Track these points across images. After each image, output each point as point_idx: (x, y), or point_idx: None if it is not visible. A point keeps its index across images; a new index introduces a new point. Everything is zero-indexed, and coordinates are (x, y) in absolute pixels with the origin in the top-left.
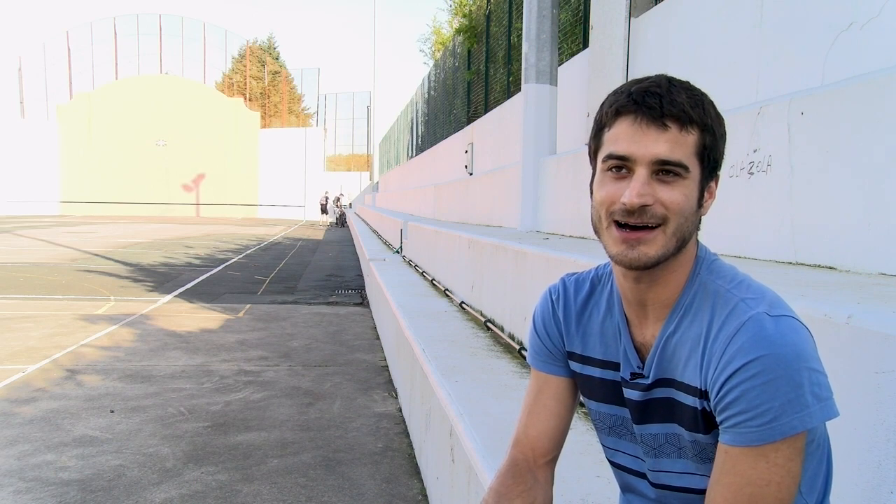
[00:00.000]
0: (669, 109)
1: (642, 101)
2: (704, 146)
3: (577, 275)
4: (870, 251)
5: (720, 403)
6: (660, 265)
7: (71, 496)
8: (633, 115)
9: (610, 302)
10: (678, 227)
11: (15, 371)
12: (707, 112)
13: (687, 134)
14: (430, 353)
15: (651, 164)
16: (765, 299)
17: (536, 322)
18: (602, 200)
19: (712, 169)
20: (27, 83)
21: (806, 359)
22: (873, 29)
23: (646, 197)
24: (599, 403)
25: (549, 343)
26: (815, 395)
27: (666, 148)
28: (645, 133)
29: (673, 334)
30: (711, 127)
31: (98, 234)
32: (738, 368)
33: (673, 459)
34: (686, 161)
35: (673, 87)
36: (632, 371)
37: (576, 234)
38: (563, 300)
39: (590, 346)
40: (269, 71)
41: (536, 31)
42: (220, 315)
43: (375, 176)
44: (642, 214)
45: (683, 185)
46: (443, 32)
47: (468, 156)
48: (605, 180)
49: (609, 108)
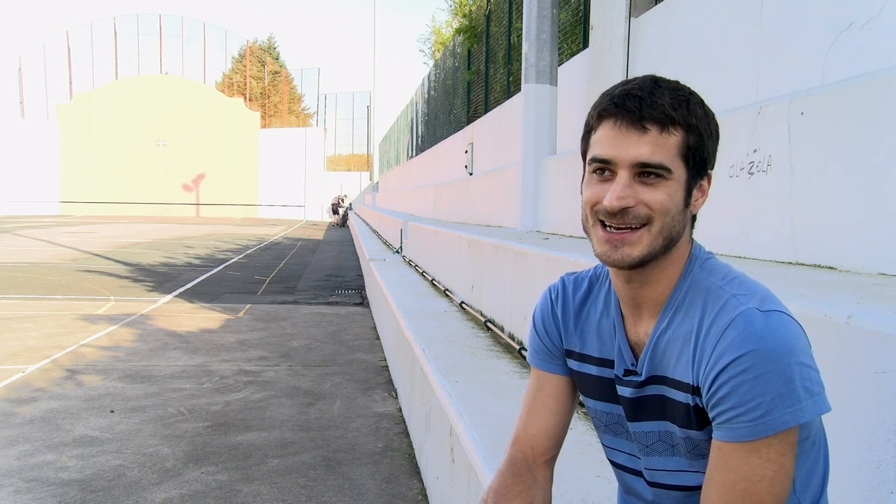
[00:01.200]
0: (649, 112)
1: (622, 105)
2: (689, 146)
3: (576, 274)
4: (870, 251)
5: (712, 399)
6: (648, 264)
7: (71, 496)
8: (613, 119)
9: (607, 300)
10: (663, 226)
11: (15, 371)
12: (692, 112)
13: (668, 135)
14: (430, 353)
15: (632, 166)
16: (756, 295)
17: (536, 321)
18: (587, 201)
19: (700, 168)
20: (27, 83)
21: (796, 354)
22: (873, 29)
23: (626, 199)
24: (596, 401)
25: (548, 342)
26: (807, 389)
27: (646, 150)
28: (625, 136)
29: (665, 331)
30: (696, 126)
31: (98, 234)
32: (729, 363)
33: (665, 457)
34: (668, 163)
35: (657, 88)
36: (625, 368)
37: (576, 234)
38: (562, 299)
39: (587, 343)
40: (269, 71)
41: (536, 31)
42: (220, 315)
43: (375, 176)
44: (624, 216)
45: (667, 186)
46: (443, 32)
47: (468, 156)
48: (591, 181)
49: (594, 112)
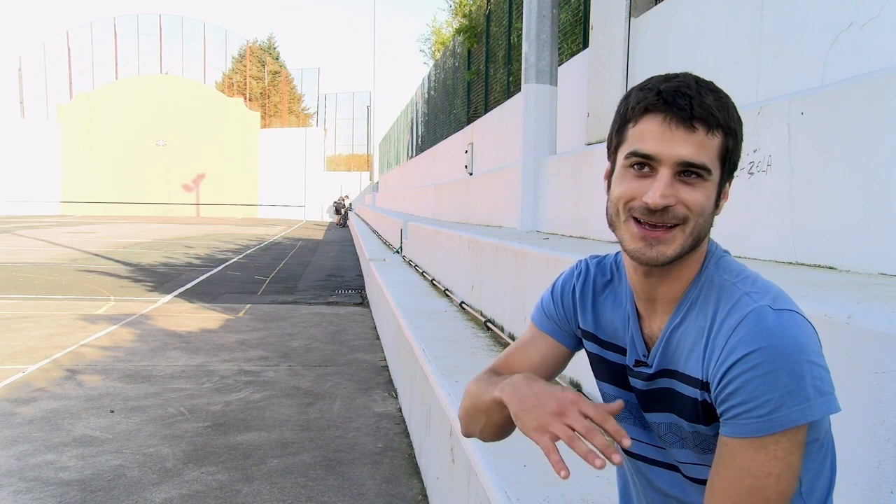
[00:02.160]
0: (699, 111)
1: (673, 101)
2: (727, 149)
3: (599, 258)
4: (870, 251)
5: (721, 394)
6: (673, 262)
7: (71, 496)
8: (662, 115)
9: (623, 290)
10: (696, 226)
11: (15, 371)
12: (731, 115)
13: (713, 137)
14: (430, 353)
15: (676, 164)
16: (769, 293)
17: (556, 289)
18: (621, 195)
19: (731, 171)
20: (27, 83)
21: (807, 352)
22: (873, 29)
23: (669, 198)
24: (608, 385)
25: (560, 312)
26: (817, 388)
27: (692, 150)
28: (673, 134)
29: (678, 326)
30: (734, 130)
31: (98, 234)
32: (739, 359)
33: (677, 449)
34: (709, 164)
35: (701, 87)
36: (636, 359)
37: (576, 234)
38: (584, 280)
39: (602, 328)
40: (269, 71)
41: (536, 31)
42: (220, 315)
43: (375, 176)
44: (664, 214)
45: (704, 187)
46: (443, 32)
47: (468, 156)
48: (626, 176)
49: (637, 105)
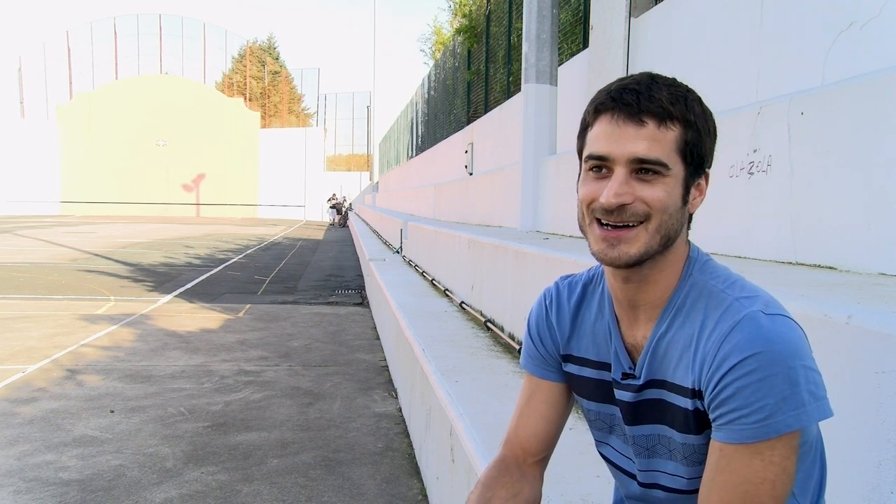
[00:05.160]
0: (647, 105)
1: (619, 98)
2: (686, 142)
3: (570, 277)
4: (870, 251)
5: (714, 400)
6: (645, 264)
7: (71, 496)
8: (610, 113)
9: (601, 302)
10: (661, 223)
11: (15, 371)
12: (690, 108)
13: (666, 130)
14: (430, 353)
15: (629, 162)
16: (759, 299)
17: (531, 327)
18: (583, 198)
19: (698, 165)
20: (27, 83)
21: (802, 357)
22: (873, 29)
23: (623, 196)
24: (590, 402)
25: (541, 348)
26: (812, 393)
27: (644, 146)
28: (622, 131)
29: (665, 335)
30: (694, 122)
31: (98, 234)
32: (734, 365)
33: (665, 460)
34: (665, 159)
35: (654, 83)
36: (623, 372)
37: (576, 234)
38: (557, 304)
39: (584, 347)
40: (269, 71)
41: (536, 31)
42: (220, 315)
43: (375, 176)
44: (622, 213)
45: (665, 183)
46: (443, 32)
47: (468, 156)
48: (586, 179)
49: (590, 108)
